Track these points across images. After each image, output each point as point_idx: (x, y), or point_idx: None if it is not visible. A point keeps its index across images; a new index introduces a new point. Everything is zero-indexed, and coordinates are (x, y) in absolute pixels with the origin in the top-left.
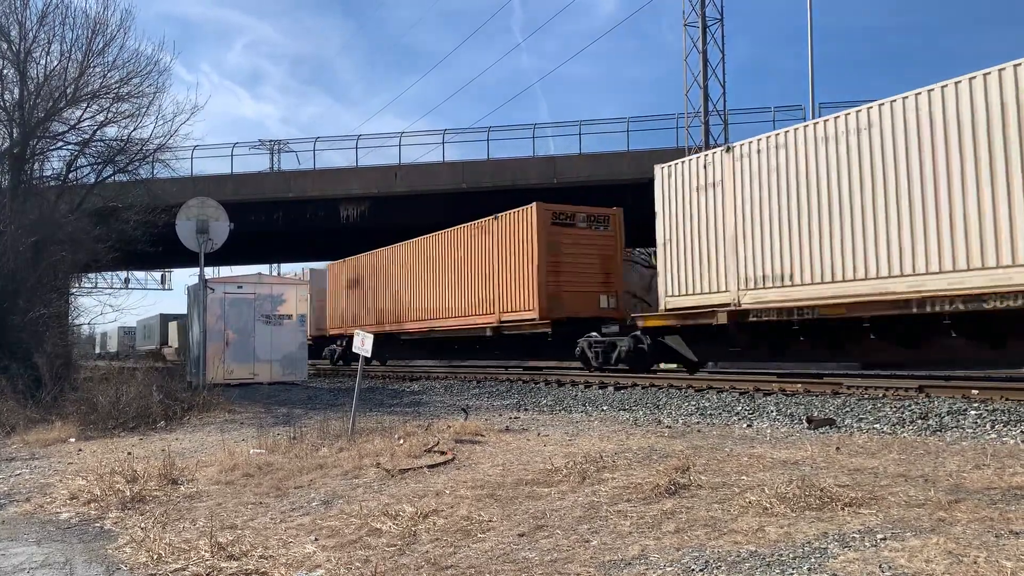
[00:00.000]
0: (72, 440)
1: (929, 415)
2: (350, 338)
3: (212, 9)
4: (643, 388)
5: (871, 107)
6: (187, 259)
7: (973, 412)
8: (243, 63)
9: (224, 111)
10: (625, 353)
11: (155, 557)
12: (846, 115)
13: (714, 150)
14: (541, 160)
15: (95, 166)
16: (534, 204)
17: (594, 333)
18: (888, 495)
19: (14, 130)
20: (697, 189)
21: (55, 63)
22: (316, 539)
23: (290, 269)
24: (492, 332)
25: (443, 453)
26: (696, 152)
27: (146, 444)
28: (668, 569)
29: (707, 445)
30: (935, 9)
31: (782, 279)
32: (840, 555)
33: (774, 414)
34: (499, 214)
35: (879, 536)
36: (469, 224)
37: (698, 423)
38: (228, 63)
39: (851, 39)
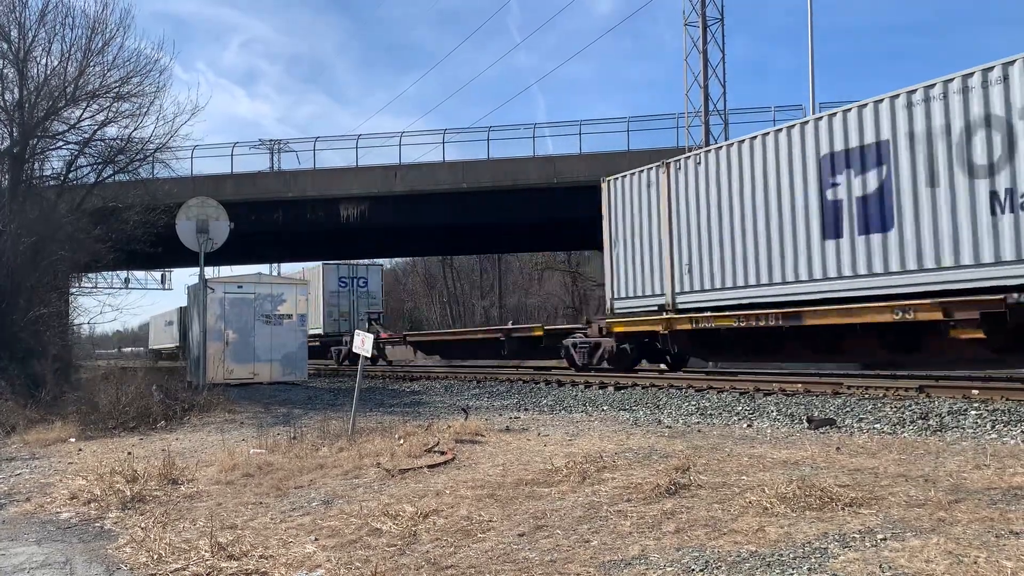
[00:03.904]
0: (72, 440)
1: (929, 415)
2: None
3: (207, 8)
4: (643, 388)
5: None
6: (187, 259)
7: (973, 412)
8: (239, 62)
9: (220, 110)
10: None
11: (155, 557)
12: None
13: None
14: (541, 160)
15: (95, 166)
16: None
17: None
18: (888, 495)
19: (14, 130)
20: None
21: (55, 63)
22: (316, 539)
23: (290, 269)
24: None
25: (443, 453)
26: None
27: (146, 444)
28: (668, 569)
29: (707, 445)
30: (936, 7)
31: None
32: (840, 555)
33: (774, 414)
34: None
35: (879, 536)
36: None
37: (698, 423)
38: (224, 62)
39: (851, 37)
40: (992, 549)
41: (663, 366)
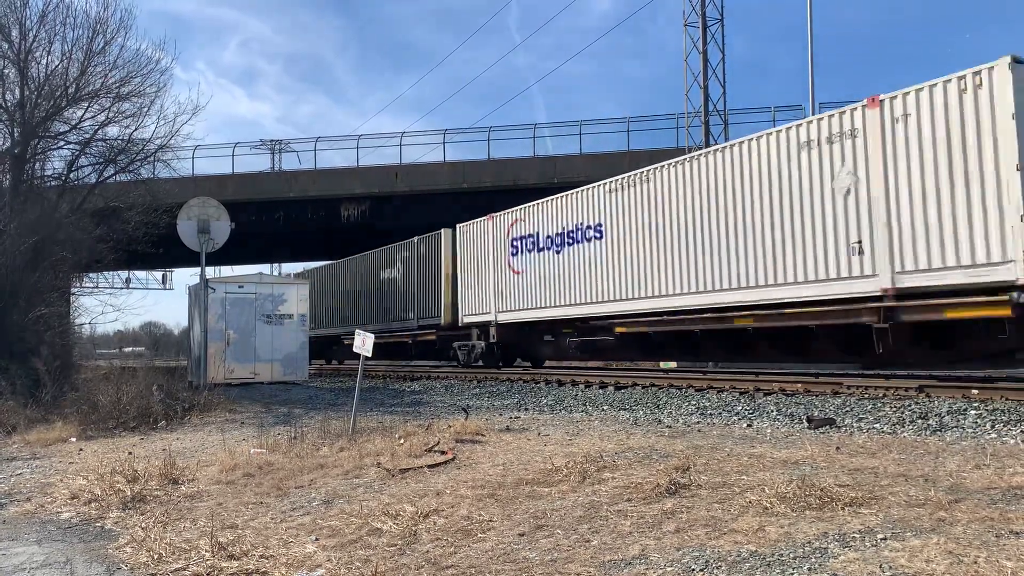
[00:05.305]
0: (73, 440)
1: (929, 415)
2: None
3: (205, 7)
4: (643, 388)
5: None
6: (188, 259)
7: (973, 412)
8: (238, 61)
9: (220, 110)
10: None
11: (156, 557)
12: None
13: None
14: (541, 160)
15: (96, 166)
16: None
17: None
18: (888, 495)
19: (15, 130)
20: None
21: (56, 63)
22: (316, 539)
23: (290, 269)
24: None
25: (443, 453)
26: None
27: (147, 444)
28: (668, 569)
29: (707, 445)
30: (936, 6)
31: None
32: (840, 555)
33: (774, 414)
34: None
35: (879, 536)
36: None
37: (698, 423)
38: (223, 61)
39: (852, 36)
40: (992, 549)
41: None
